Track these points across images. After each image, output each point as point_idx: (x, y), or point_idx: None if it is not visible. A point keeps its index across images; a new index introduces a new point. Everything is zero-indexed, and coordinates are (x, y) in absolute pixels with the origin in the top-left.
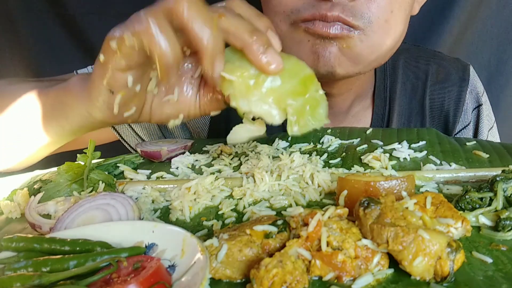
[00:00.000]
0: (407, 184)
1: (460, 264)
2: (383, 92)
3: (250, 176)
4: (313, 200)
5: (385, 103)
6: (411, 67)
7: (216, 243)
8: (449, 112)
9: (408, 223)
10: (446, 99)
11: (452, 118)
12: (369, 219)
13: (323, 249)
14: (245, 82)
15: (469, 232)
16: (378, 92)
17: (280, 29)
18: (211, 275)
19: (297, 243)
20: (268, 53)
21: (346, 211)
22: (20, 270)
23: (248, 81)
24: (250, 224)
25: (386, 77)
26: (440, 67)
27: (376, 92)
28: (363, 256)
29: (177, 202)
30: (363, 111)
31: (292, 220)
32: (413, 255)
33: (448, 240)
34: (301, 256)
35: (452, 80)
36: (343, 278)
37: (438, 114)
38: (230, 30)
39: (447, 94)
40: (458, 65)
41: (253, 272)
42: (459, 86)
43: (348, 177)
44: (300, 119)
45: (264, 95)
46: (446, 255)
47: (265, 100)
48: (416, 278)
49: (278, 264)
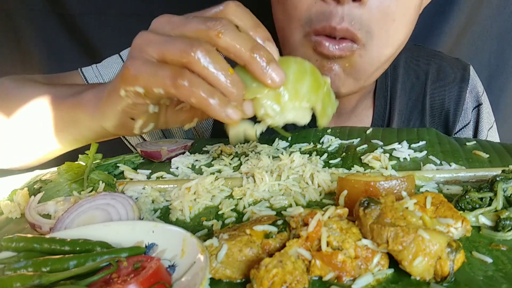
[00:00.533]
0: (407, 184)
1: (460, 264)
2: (384, 91)
3: (250, 176)
4: (313, 200)
5: (386, 102)
6: (412, 67)
7: (216, 243)
8: (449, 111)
9: (408, 223)
10: (446, 98)
11: (452, 117)
12: (369, 219)
13: (323, 249)
14: (271, 99)
15: (469, 232)
16: (379, 91)
17: (293, 38)
18: (211, 275)
19: (297, 243)
20: (270, 68)
21: (346, 211)
22: (20, 270)
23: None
24: (250, 224)
25: (387, 76)
26: (440, 67)
27: (377, 91)
28: (363, 256)
29: (177, 202)
30: (365, 110)
31: (292, 220)
32: (413, 255)
33: (448, 240)
34: (301, 256)
35: (453, 80)
36: (343, 278)
37: (439, 113)
38: (230, 49)
39: (447, 93)
40: (458, 64)
41: (253, 272)
42: (459, 86)
43: (348, 177)
44: (326, 110)
45: (291, 103)
46: (446, 255)
47: (295, 106)
48: (416, 278)
49: (278, 264)
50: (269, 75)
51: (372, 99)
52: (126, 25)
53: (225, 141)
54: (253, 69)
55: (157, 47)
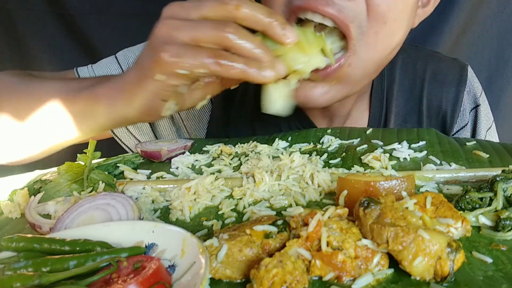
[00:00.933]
0: (407, 184)
1: (460, 264)
2: (380, 93)
3: (250, 176)
4: (313, 200)
5: (382, 104)
6: (409, 68)
7: (216, 243)
8: (447, 112)
9: (408, 223)
10: (444, 100)
11: (450, 119)
12: (369, 219)
13: (323, 249)
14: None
15: (469, 232)
16: (375, 94)
17: None
18: (211, 275)
19: (297, 243)
20: (285, 29)
21: (346, 211)
22: (20, 270)
23: (295, 51)
24: (250, 224)
25: (384, 77)
26: (437, 68)
27: (373, 93)
28: (363, 256)
29: (177, 202)
30: (360, 113)
31: (292, 220)
32: (413, 255)
33: (448, 240)
34: (301, 256)
35: (450, 81)
36: (343, 278)
37: (436, 114)
38: (249, 18)
39: (445, 94)
40: (456, 65)
41: (253, 272)
42: (457, 87)
43: (348, 177)
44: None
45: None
46: (446, 255)
47: (313, 51)
48: (416, 278)
49: (278, 264)
50: (286, 35)
51: (368, 101)
52: (126, 25)
53: (225, 141)
54: (272, 32)
55: (188, 32)
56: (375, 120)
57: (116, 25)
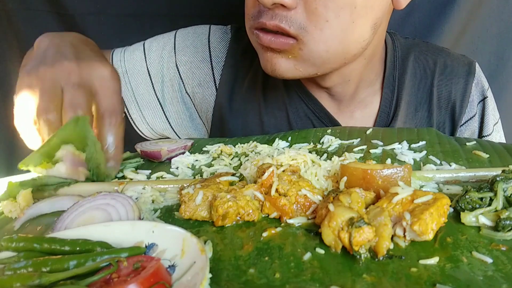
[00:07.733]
0: (403, 174)
1: (367, 240)
2: (392, 82)
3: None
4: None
5: (394, 91)
6: (420, 60)
7: (192, 191)
8: (456, 102)
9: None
10: (453, 90)
11: (459, 108)
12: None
13: (272, 194)
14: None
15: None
16: (387, 82)
17: (248, 30)
18: (188, 217)
19: (253, 187)
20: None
21: (299, 168)
22: (20, 270)
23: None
24: (216, 177)
25: (396, 68)
26: (447, 61)
27: (385, 81)
28: (301, 203)
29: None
30: (371, 97)
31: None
32: (324, 226)
33: (353, 214)
34: (256, 197)
35: (459, 73)
36: (284, 218)
37: (445, 104)
38: None
39: (454, 85)
40: (464, 60)
41: (212, 202)
42: (465, 79)
43: (348, 165)
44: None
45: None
46: (346, 228)
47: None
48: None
49: (232, 198)
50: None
51: (380, 87)
52: (126, 25)
53: (225, 141)
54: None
55: None
56: (386, 105)
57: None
